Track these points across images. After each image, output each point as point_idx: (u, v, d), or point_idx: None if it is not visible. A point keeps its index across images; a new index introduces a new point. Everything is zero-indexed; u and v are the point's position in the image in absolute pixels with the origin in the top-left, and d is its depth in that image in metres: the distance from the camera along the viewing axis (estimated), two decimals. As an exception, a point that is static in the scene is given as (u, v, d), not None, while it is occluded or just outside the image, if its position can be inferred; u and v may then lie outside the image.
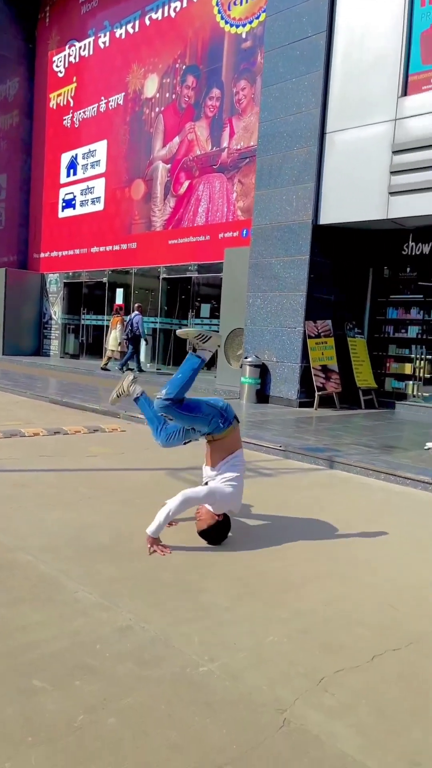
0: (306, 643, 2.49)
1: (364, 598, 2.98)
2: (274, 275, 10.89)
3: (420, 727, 1.99)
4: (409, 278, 11.22)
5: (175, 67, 15.47)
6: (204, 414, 3.61)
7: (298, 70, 10.50)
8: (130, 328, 14.58)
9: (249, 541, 3.75)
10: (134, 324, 14.54)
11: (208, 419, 3.59)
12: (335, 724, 1.97)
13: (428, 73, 9.34)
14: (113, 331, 15.33)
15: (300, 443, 6.97)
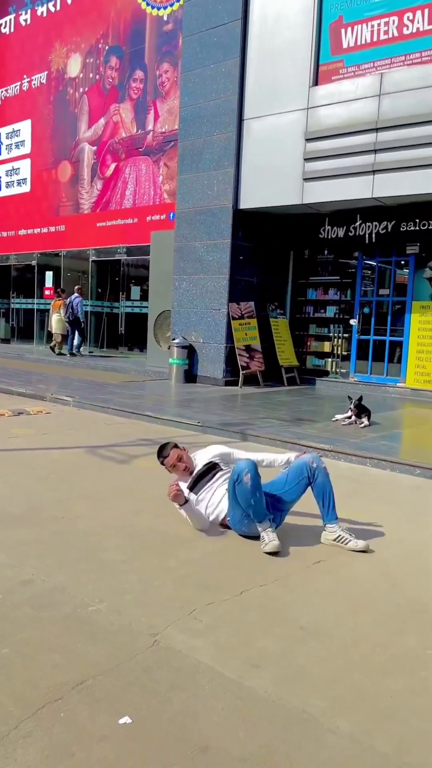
0: (187, 584, 2.90)
1: (244, 547, 3.42)
2: (198, 258, 11.22)
3: (267, 640, 2.44)
4: (327, 260, 11.80)
5: (98, 47, 15.37)
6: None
7: (216, 56, 10.75)
8: (71, 311, 14.69)
9: (151, 506, 4.12)
10: (74, 306, 14.66)
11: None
12: (197, 642, 2.38)
13: (337, 64, 9.81)
14: (55, 314, 15.32)
15: (218, 419, 7.40)
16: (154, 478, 4.87)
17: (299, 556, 3.33)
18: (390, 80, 9.15)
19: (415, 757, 1.81)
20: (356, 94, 9.45)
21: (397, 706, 2.05)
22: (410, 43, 9.12)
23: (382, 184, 9.29)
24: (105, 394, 9.07)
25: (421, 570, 3.23)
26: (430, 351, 10.36)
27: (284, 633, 2.50)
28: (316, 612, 2.70)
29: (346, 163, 9.52)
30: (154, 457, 5.57)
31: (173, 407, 8.24)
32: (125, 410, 7.78)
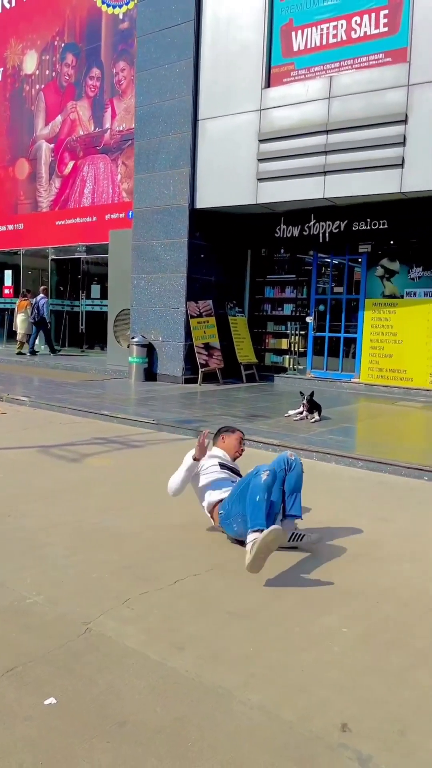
0: (125, 576, 3.04)
1: (186, 540, 3.58)
2: (155, 257, 11.32)
3: (194, 625, 2.59)
4: (283, 259, 12.03)
5: (53, 44, 15.29)
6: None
7: (170, 57, 10.84)
8: (36, 311, 14.65)
9: (99, 502, 4.24)
10: (40, 306, 14.62)
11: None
12: (127, 628, 2.53)
13: (288, 66, 10.01)
14: (20, 314, 15.21)
15: (173, 417, 7.54)
16: (103, 475, 4.99)
17: (237, 546, 3.50)
18: (339, 83, 9.39)
19: (316, 723, 1.99)
20: (307, 97, 9.67)
21: (308, 679, 2.23)
22: (358, 46, 9.38)
23: (333, 185, 9.54)
24: (63, 394, 9.11)
25: (351, 555, 3.43)
26: (382, 347, 10.67)
27: (211, 618, 2.66)
28: (244, 598, 2.87)
29: (299, 164, 9.74)
30: (106, 455, 5.71)
31: (130, 406, 8.34)
32: (81, 409, 7.85)
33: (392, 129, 8.92)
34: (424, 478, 5.32)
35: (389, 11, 9.09)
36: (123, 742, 1.86)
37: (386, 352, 10.63)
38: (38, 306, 14.64)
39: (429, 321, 10.13)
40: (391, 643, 2.51)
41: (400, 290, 10.49)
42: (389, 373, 10.62)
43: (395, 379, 10.54)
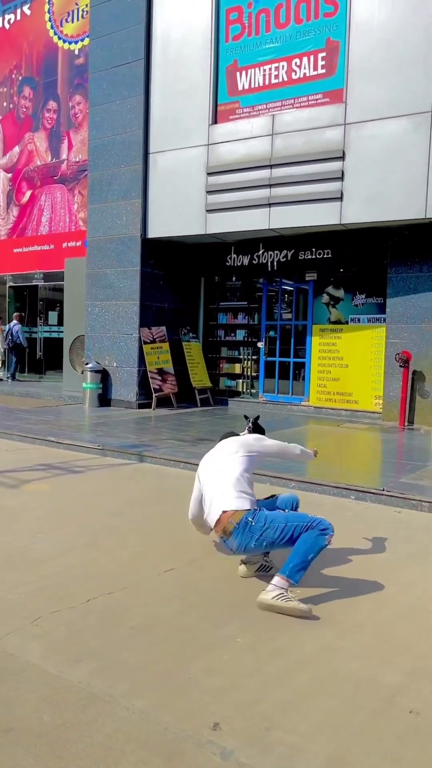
0: (40, 596, 3.19)
1: (103, 561, 3.74)
2: (109, 285, 11.55)
3: (97, 639, 2.76)
4: (235, 286, 12.39)
5: (11, 77, 15.60)
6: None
7: (121, 93, 11.23)
8: (11, 338, 14.74)
9: (28, 526, 4.37)
10: (14, 333, 14.76)
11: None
12: (31, 645, 2.68)
13: (234, 104, 10.47)
14: None
15: (119, 442, 7.70)
16: (39, 501, 5.12)
17: (154, 565, 3.67)
18: (281, 121, 9.87)
19: (190, 724, 2.17)
20: (251, 133, 10.12)
21: (192, 686, 2.42)
22: (298, 87, 9.88)
23: (278, 217, 9.95)
24: (13, 420, 9.18)
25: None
26: (330, 371, 11.04)
27: (115, 632, 2.83)
28: (151, 613, 3.05)
29: (245, 196, 10.14)
30: (44, 481, 5.83)
31: (78, 431, 8.47)
32: (28, 436, 7.95)
33: (331, 165, 9.39)
34: (351, 497, 5.58)
35: (326, 54, 9.63)
36: (6, 746, 2.01)
37: (333, 376, 11.00)
38: (12, 332, 14.81)
39: (373, 346, 10.54)
40: (278, 651, 2.72)
41: (345, 316, 10.91)
42: (336, 396, 10.97)
43: (342, 401, 10.90)
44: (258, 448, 3.64)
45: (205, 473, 3.57)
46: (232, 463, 3.47)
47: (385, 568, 3.80)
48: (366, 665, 2.63)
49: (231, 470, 3.43)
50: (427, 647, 2.80)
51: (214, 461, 3.58)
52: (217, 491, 3.37)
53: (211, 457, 3.66)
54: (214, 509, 3.32)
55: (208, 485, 3.47)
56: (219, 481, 3.41)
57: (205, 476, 3.55)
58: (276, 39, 10.04)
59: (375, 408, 10.46)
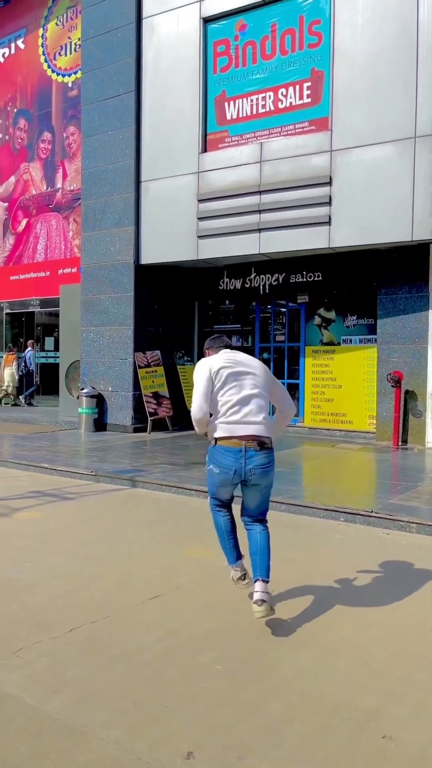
0: (23, 625, 3.22)
1: (89, 589, 3.77)
2: (104, 310, 11.69)
3: (77, 669, 2.79)
4: (228, 310, 12.52)
5: (6, 109, 15.95)
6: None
7: (113, 124, 11.48)
8: (24, 364, 15.21)
9: (14, 555, 4.41)
10: (27, 359, 15.20)
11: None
12: (11, 676, 2.71)
13: (223, 133, 10.70)
14: (8, 368, 15.36)
15: (112, 467, 7.74)
16: (28, 529, 5.15)
17: (140, 592, 3.70)
18: (269, 149, 10.08)
19: (163, 752, 2.20)
20: (240, 161, 10.32)
21: (168, 714, 2.44)
22: (285, 116, 10.11)
23: (267, 241, 10.11)
24: (7, 447, 9.23)
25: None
26: (323, 392, 11.11)
27: (96, 662, 2.86)
28: (132, 641, 3.08)
29: (235, 222, 10.31)
30: (36, 509, 5.87)
31: (72, 457, 8.51)
32: (21, 462, 8.00)
33: (319, 190, 9.57)
34: (341, 519, 5.61)
35: (311, 84, 9.87)
36: (-21, 778, 2.04)
37: (327, 397, 11.07)
38: (26, 359, 15.27)
39: (365, 366, 10.63)
40: (255, 677, 2.74)
41: (337, 338, 11.02)
42: (331, 417, 11.03)
43: (336, 422, 10.95)
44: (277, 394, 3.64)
45: (236, 377, 3.39)
46: (264, 391, 3.46)
47: (368, 590, 3.83)
48: (342, 689, 2.66)
49: (265, 399, 3.46)
50: (404, 670, 2.83)
51: (244, 373, 3.42)
52: (256, 408, 3.36)
53: (238, 365, 3.45)
54: (254, 425, 3.32)
55: (243, 392, 3.36)
56: (258, 401, 3.39)
57: (237, 381, 3.39)
58: (263, 70, 10.30)
59: (369, 428, 10.50)
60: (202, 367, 3.47)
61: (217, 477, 3.40)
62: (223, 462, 3.34)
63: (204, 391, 3.37)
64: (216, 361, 3.47)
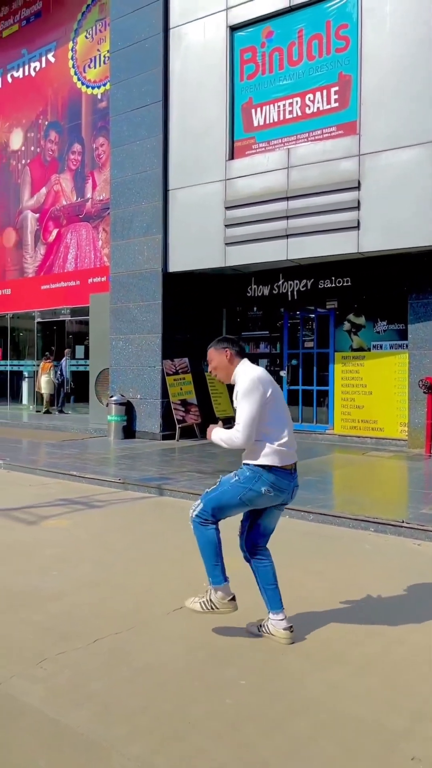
0: (46, 636, 3.21)
1: (114, 599, 3.74)
2: (132, 319, 11.76)
3: (100, 682, 2.76)
4: (256, 316, 12.47)
5: (38, 122, 16.25)
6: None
7: (141, 134, 11.58)
8: (60, 372, 15.58)
9: (42, 564, 4.41)
10: (63, 368, 15.59)
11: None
12: (34, 688, 2.69)
13: (250, 140, 10.69)
14: (44, 375, 15.62)
15: (140, 475, 7.74)
16: (56, 537, 5.17)
17: (164, 603, 3.66)
18: (296, 154, 10.02)
19: (186, 770, 2.15)
20: (267, 167, 10.29)
21: (191, 730, 2.39)
22: (313, 121, 10.05)
23: (295, 247, 10.03)
24: (38, 455, 9.33)
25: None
26: (353, 399, 10.95)
27: (118, 674, 2.83)
28: (155, 654, 3.03)
29: (263, 228, 10.27)
30: (64, 517, 5.89)
31: (101, 465, 8.54)
32: (51, 470, 8.06)
33: (347, 195, 9.47)
34: (371, 529, 5.49)
35: (339, 88, 9.79)
36: (-1, 793, 2.02)
37: (357, 404, 10.90)
38: (62, 367, 15.58)
39: (396, 372, 10.44)
40: (280, 694, 2.67)
41: (367, 343, 10.86)
42: (361, 424, 10.85)
43: (367, 429, 10.77)
44: None
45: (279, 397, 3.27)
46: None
47: (399, 604, 3.71)
48: (371, 708, 2.57)
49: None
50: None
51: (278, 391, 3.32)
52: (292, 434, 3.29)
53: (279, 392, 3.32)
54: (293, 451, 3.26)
55: (287, 413, 3.32)
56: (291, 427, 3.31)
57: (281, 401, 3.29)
58: (289, 76, 10.27)
59: (401, 435, 10.30)
60: (257, 386, 3.12)
61: (261, 499, 3.15)
62: (281, 486, 3.17)
63: (256, 416, 3.10)
64: (265, 379, 3.20)
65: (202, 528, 3.23)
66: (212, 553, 3.21)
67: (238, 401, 3.15)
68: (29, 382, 17.38)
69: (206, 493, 3.28)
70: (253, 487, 3.14)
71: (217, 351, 3.31)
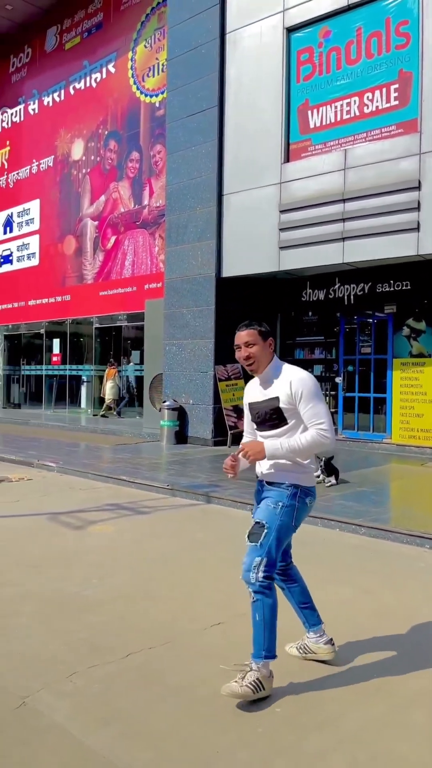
0: (79, 647, 3.15)
1: (151, 611, 3.65)
2: (185, 324, 11.75)
3: (128, 700, 2.66)
4: (311, 321, 12.21)
5: (98, 132, 16.58)
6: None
7: (196, 139, 11.58)
8: (126, 379, 16.18)
9: (83, 571, 4.38)
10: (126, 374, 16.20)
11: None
12: (62, 703, 2.62)
13: (306, 142, 10.49)
14: (109, 381, 16.01)
15: (189, 481, 7.66)
16: (100, 543, 5.15)
17: (202, 618, 3.54)
18: (353, 155, 9.75)
19: (209, 806, 2.01)
20: (324, 169, 10.06)
21: (218, 760, 2.25)
22: (371, 120, 9.76)
23: (352, 250, 9.75)
24: (91, 459, 9.42)
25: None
26: (413, 407, 10.52)
27: (148, 693, 2.72)
28: (188, 673, 2.91)
29: (318, 231, 10.05)
30: (110, 522, 5.87)
31: (151, 470, 8.53)
32: (102, 474, 8.10)
33: (406, 195, 9.13)
34: (426, 546, 5.19)
35: (399, 86, 9.47)
36: None
37: (417, 412, 10.47)
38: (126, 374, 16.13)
39: (458, 380, 9.96)
40: (316, 726, 2.49)
41: (428, 349, 10.42)
42: (421, 433, 10.41)
43: (427, 439, 10.32)
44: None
45: None
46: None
47: (454, 631, 3.45)
48: (416, 747, 2.35)
49: None
50: None
51: None
52: None
53: None
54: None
55: None
56: None
57: None
58: (347, 75, 10.02)
59: (463, 446, 9.81)
60: (316, 382, 2.88)
61: (306, 512, 2.87)
62: (313, 491, 2.90)
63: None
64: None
65: (266, 595, 2.72)
66: (272, 622, 2.74)
67: (305, 400, 2.75)
68: (87, 387, 17.70)
69: (257, 545, 2.72)
70: (299, 503, 2.82)
71: (260, 335, 2.90)
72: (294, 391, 2.79)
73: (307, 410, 2.78)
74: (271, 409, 2.83)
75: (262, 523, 2.76)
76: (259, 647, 2.71)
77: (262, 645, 2.70)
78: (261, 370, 2.91)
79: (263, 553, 2.71)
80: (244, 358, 2.91)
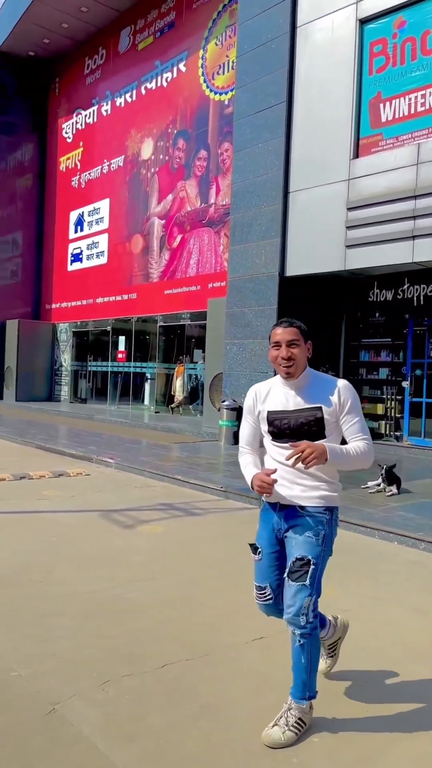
0: (116, 654, 3.08)
1: (194, 618, 3.54)
2: (247, 323, 11.61)
3: (159, 715, 2.56)
4: (378, 323, 11.78)
5: (167, 131, 16.68)
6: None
7: (263, 136, 11.41)
8: (196, 377, 16.18)
9: (129, 572, 4.33)
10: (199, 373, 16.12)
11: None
12: (91, 713, 2.55)
13: (377, 137, 10.11)
14: (179, 378, 16.27)
15: (243, 484, 7.51)
16: (148, 544, 5.10)
17: (244, 630, 3.41)
18: (427, 149, 9.30)
19: None
20: (395, 164, 9.66)
21: (246, 792, 2.11)
22: (447, 112, 9.28)
23: (423, 249, 9.31)
24: (148, 456, 9.45)
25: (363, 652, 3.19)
26: None
27: (181, 709, 2.61)
28: (224, 689, 2.78)
29: (387, 229, 9.66)
30: (160, 523, 5.82)
31: (207, 471, 8.45)
32: (158, 473, 8.10)
33: None
34: None
35: None
36: None
37: None
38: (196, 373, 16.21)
39: None
40: (357, 761, 2.30)
41: None
42: None
43: None
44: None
45: None
46: None
47: None
48: (468, 801, 2.13)
49: None
50: None
51: None
52: None
53: None
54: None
55: None
56: None
57: None
58: (423, 66, 9.57)
59: None
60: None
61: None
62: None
63: None
64: None
65: (314, 637, 2.50)
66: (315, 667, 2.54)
67: (352, 411, 2.55)
68: (151, 384, 17.89)
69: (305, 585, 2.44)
70: (333, 531, 2.62)
71: (303, 336, 2.65)
72: (343, 400, 2.56)
73: (354, 423, 2.56)
74: (312, 420, 2.52)
75: (307, 559, 2.48)
76: (303, 688, 2.49)
77: (306, 686, 2.49)
78: (298, 374, 2.61)
79: (313, 592, 2.47)
80: (285, 359, 2.57)
